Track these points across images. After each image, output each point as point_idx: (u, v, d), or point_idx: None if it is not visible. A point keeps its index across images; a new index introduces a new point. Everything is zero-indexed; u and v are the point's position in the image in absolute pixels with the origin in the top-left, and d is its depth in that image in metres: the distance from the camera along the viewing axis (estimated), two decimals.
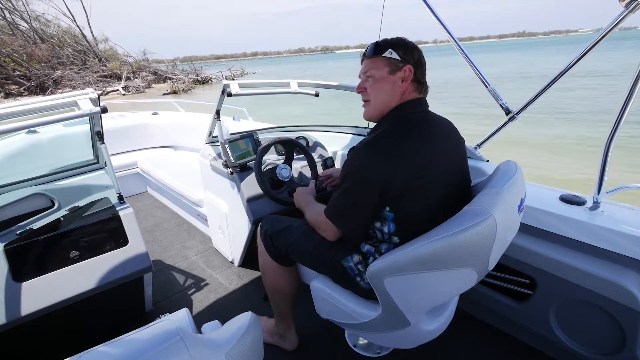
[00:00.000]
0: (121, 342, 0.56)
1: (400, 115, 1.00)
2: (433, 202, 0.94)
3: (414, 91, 1.02)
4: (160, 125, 3.73)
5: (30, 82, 18.47)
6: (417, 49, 1.01)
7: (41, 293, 1.27)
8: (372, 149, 0.93)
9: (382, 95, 1.02)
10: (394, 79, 1.00)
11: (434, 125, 1.01)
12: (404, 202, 0.92)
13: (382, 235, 1.00)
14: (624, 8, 1.08)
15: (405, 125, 0.97)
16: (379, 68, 1.01)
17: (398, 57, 0.99)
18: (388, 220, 0.96)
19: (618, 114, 1.14)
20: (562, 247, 1.25)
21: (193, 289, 1.91)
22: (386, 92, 1.01)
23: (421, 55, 1.02)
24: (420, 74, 1.02)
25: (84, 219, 1.40)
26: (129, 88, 19.62)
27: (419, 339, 1.06)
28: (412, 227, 0.94)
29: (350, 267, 1.07)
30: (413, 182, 0.90)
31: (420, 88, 1.03)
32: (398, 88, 1.00)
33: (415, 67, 0.99)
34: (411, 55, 0.99)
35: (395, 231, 0.96)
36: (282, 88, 2.00)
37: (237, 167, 1.80)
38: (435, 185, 0.94)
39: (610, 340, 1.18)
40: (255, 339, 0.59)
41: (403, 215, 0.94)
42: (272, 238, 1.27)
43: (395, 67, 0.99)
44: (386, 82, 1.00)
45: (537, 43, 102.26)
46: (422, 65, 1.02)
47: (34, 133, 2.69)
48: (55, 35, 22.75)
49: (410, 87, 1.01)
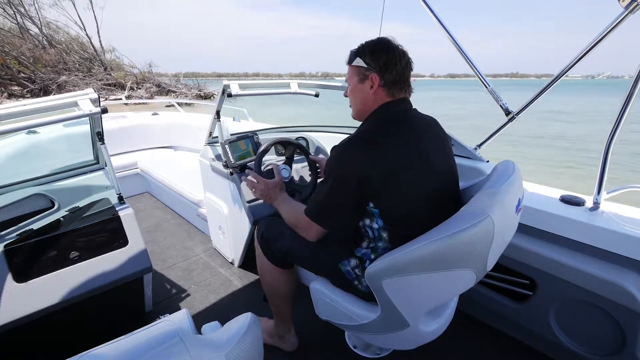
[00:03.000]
0: (121, 342, 0.56)
1: (381, 114, 1.02)
2: (418, 197, 0.95)
3: (386, 96, 1.01)
4: (160, 126, 3.73)
5: (34, 85, 18.46)
6: (387, 49, 0.98)
7: (41, 293, 1.26)
8: (350, 145, 0.95)
9: (356, 102, 1.07)
10: (363, 87, 1.02)
11: (417, 122, 1.02)
12: (385, 196, 0.93)
13: (373, 232, 1.00)
14: (624, 9, 1.08)
15: (385, 122, 0.99)
16: (351, 77, 1.05)
17: (364, 65, 0.99)
18: (375, 216, 0.97)
19: (618, 115, 1.14)
20: (562, 247, 1.25)
21: (193, 290, 1.91)
22: (359, 100, 1.05)
23: (392, 57, 0.97)
24: (391, 77, 0.98)
25: (84, 220, 1.40)
26: (132, 98, 19.60)
27: (418, 340, 1.06)
28: (399, 222, 0.95)
29: (347, 271, 1.07)
30: (393, 176, 0.91)
31: (393, 91, 1.00)
32: (368, 95, 1.01)
33: (382, 72, 0.98)
34: (377, 59, 0.97)
35: (383, 226, 0.97)
36: (282, 88, 2.01)
37: (237, 167, 1.80)
38: (418, 180, 0.94)
39: (610, 340, 1.18)
40: (255, 339, 0.59)
41: (388, 210, 0.95)
42: (268, 241, 1.26)
43: (363, 76, 1.01)
44: (357, 90, 1.04)
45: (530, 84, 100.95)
46: (393, 67, 0.97)
47: (34, 133, 2.68)
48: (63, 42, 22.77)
49: (381, 93, 1.00)
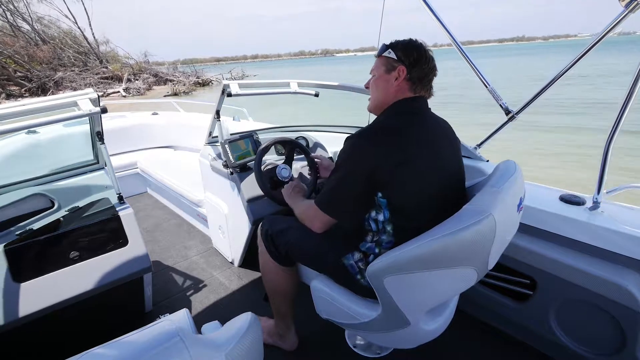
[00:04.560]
0: (121, 342, 0.56)
1: (397, 109, 1.05)
2: (426, 190, 0.96)
3: (408, 90, 1.04)
4: (160, 126, 3.73)
5: (31, 84, 18.45)
6: (419, 49, 1.03)
7: (41, 294, 1.26)
8: (364, 136, 0.97)
9: (377, 91, 1.09)
10: (389, 77, 1.05)
11: (430, 121, 1.05)
12: (395, 186, 0.94)
13: (377, 224, 1.01)
14: (624, 8, 1.08)
15: (400, 117, 1.02)
16: (378, 67, 1.09)
17: (395, 57, 1.03)
18: (383, 207, 0.98)
19: (618, 114, 1.14)
20: (562, 247, 1.25)
21: (193, 290, 1.91)
22: (381, 89, 1.08)
23: (422, 56, 1.03)
24: (417, 74, 1.03)
25: (83, 220, 1.40)
26: (129, 90, 19.60)
27: (418, 338, 1.06)
28: (405, 214, 0.96)
29: (351, 264, 1.07)
30: (404, 167, 0.92)
31: (416, 87, 1.04)
32: (391, 86, 1.05)
33: (410, 67, 1.02)
34: (409, 55, 1.02)
35: (389, 218, 0.98)
36: (282, 88, 2.01)
37: (237, 167, 1.80)
38: (428, 174, 0.96)
39: (610, 340, 1.18)
40: (255, 339, 0.59)
41: (396, 200, 0.96)
42: (272, 238, 1.27)
43: (391, 67, 1.05)
44: (382, 80, 1.07)
45: (537, 47, 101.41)
46: (421, 65, 1.02)
47: (34, 133, 2.68)
48: (56, 37, 22.75)
49: (404, 86, 1.04)
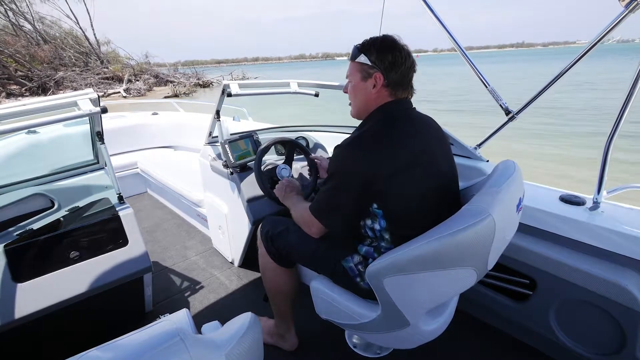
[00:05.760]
0: (121, 342, 0.56)
1: (382, 114, 1.00)
2: (422, 197, 0.94)
3: (388, 95, 1.00)
4: (160, 126, 3.73)
5: (32, 83, 18.45)
6: (393, 49, 0.97)
7: (41, 294, 1.26)
8: (354, 145, 0.94)
9: (357, 100, 1.05)
10: (366, 85, 1.00)
11: (417, 122, 1.02)
12: (390, 196, 0.92)
13: (374, 232, 1.00)
14: (624, 8, 1.08)
15: (387, 122, 0.98)
16: (353, 74, 1.04)
17: (369, 63, 0.98)
18: (378, 217, 0.97)
19: (618, 114, 1.14)
20: (562, 247, 1.25)
21: (193, 290, 1.91)
22: (360, 98, 1.03)
23: (398, 55, 0.96)
24: (395, 78, 0.98)
25: (83, 220, 1.40)
26: (130, 90, 19.60)
27: (418, 339, 1.06)
28: (403, 223, 0.95)
29: (350, 267, 1.07)
30: (398, 176, 0.91)
31: (396, 91, 1.00)
32: (370, 94, 1.01)
33: (386, 72, 0.97)
34: (383, 59, 0.96)
35: (386, 227, 0.97)
36: (282, 88, 2.01)
37: (237, 167, 1.80)
38: (423, 180, 0.94)
39: (610, 340, 1.18)
40: (255, 339, 0.59)
41: (392, 211, 0.94)
42: (272, 239, 1.27)
43: (366, 74, 1.00)
44: (359, 88, 1.02)
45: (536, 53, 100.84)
46: (397, 67, 0.97)
47: (34, 133, 2.68)
48: (57, 37, 22.75)
49: (383, 92, 1.00)
